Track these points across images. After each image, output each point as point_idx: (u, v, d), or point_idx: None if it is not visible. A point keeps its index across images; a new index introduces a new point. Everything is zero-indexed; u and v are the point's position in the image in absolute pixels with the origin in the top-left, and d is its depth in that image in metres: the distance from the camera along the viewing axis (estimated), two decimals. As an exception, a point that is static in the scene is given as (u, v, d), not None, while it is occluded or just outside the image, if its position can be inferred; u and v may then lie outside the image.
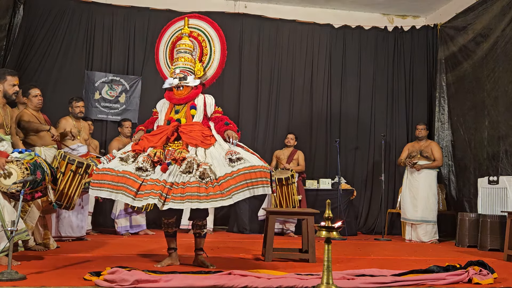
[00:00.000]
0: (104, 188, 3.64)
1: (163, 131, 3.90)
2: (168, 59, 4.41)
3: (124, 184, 3.59)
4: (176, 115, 4.04)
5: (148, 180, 3.61)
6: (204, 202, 3.52)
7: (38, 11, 7.41)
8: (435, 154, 6.76)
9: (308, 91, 8.24)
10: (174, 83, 4.03)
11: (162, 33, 4.49)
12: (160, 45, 4.48)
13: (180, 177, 3.59)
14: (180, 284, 2.98)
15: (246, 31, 8.15)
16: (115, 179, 3.63)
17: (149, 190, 3.54)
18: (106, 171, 3.69)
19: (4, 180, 3.61)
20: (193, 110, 4.04)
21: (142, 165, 3.62)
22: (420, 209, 6.65)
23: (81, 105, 5.72)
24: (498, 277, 3.59)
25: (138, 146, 3.82)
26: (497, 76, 6.68)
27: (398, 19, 8.64)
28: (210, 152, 3.80)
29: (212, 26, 4.37)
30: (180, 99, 4.06)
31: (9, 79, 3.99)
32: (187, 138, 3.84)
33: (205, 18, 4.42)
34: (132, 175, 3.62)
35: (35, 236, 4.53)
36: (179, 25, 4.40)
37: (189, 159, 3.60)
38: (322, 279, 2.74)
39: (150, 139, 3.86)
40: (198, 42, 4.31)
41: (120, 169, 3.66)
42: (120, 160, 3.72)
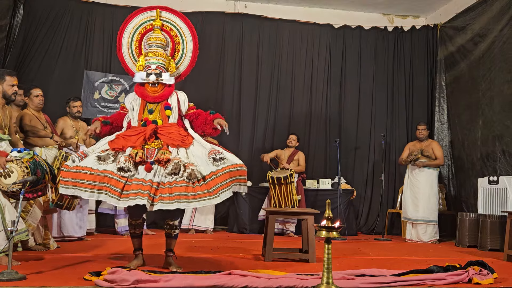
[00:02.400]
0: (83, 188, 3.46)
1: (140, 132, 3.75)
2: (134, 51, 4.15)
3: (107, 184, 3.46)
4: (150, 115, 3.88)
5: (132, 179, 3.49)
6: (193, 202, 3.47)
7: (38, 11, 7.41)
8: (436, 153, 6.77)
9: (308, 91, 8.24)
10: (151, 79, 3.86)
11: (126, 22, 4.17)
12: (124, 34, 4.15)
13: (166, 178, 3.51)
14: (180, 284, 2.98)
15: (246, 31, 8.15)
16: (96, 178, 3.47)
17: (135, 190, 3.43)
18: (82, 169, 3.50)
19: (5, 179, 3.61)
20: (168, 110, 3.91)
21: (125, 165, 3.49)
22: (421, 209, 6.66)
23: (79, 104, 5.71)
24: (498, 277, 3.59)
25: (116, 145, 3.66)
26: (493, 76, 6.69)
27: (398, 19, 8.64)
28: (191, 151, 3.72)
29: (185, 21, 4.20)
30: (155, 97, 3.90)
31: (8, 80, 3.99)
32: (167, 139, 3.73)
33: (178, 12, 4.22)
34: (115, 174, 3.48)
35: (35, 236, 4.53)
36: (147, 15, 4.15)
37: (175, 161, 3.51)
38: (322, 279, 2.75)
39: (128, 138, 3.71)
40: (170, 37, 4.12)
41: (100, 168, 3.50)
42: (98, 159, 3.55)
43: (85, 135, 5.85)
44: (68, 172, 3.52)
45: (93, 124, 3.87)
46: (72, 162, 3.56)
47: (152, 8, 4.16)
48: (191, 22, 4.36)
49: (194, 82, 7.91)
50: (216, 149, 3.68)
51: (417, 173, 6.78)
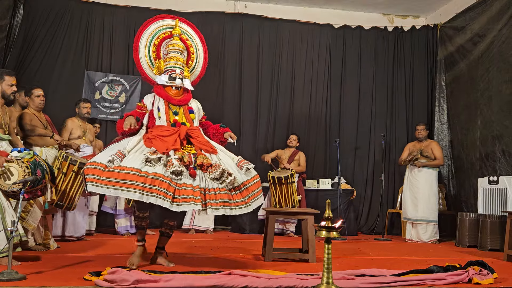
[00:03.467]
0: (131, 189, 3.38)
1: (173, 133, 3.80)
2: (151, 54, 4.25)
3: (158, 187, 3.40)
4: (176, 116, 3.99)
5: (182, 184, 3.50)
6: (234, 209, 3.64)
7: (38, 11, 7.41)
8: (435, 153, 6.77)
9: (308, 91, 8.24)
10: (177, 83, 4.00)
11: (146, 25, 4.29)
12: (142, 38, 4.26)
13: (210, 183, 3.60)
14: (180, 284, 2.98)
15: (246, 31, 8.15)
16: (147, 180, 3.40)
17: (187, 195, 3.47)
18: (129, 170, 3.43)
19: (5, 180, 3.61)
20: (192, 114, 4.05)
21: (180, 168, 3.48)
22: (420, 209, 6.66)
23: (88, 106, 5.83)
24: (498, 277, 3.59)
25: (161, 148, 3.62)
26: (491, 76, 6.69)
27: (398, 19, 8.64)
28: (221, 159, 3.81)
29: (198, 35, 4.44)
30: (179, 100, 4.03)
31: (7, 79, 4.01)
32: (199, 144, 3.82)
33: (194, 26, 4.46)
34: (166, 178, 3.45)
35: (35, 236, 4.53)
36: (165, 23, 4.31)
37: (221, 167, 3.63)
38: (322, 279, 2.75)
39: (165, 140, 3.72)
40: (187, 46, 4.30)
41: (149, 171, 3.45)
42: (146, 161, 3.50)
43: (92, 136, 5.87)
44: (109, 172, 3.43)
45: (128, 120, 3.80)
46: (110, 163, 3.48)
47: (171, 17, 4.38)
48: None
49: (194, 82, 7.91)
50: (243, 159, 3.88)
51: (416, 173, 6.79)
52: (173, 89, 4.03)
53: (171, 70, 4.05)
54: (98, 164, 3.51)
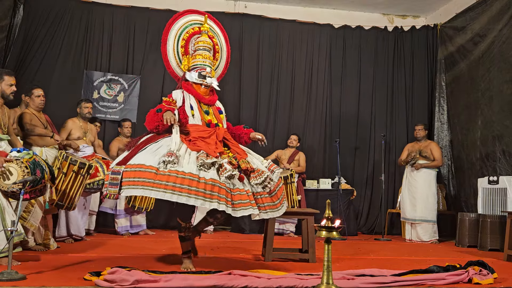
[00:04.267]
0: (192, 195, 3.26)
1: (212, 134, 3.72)
2: (179, 49, 4.16)
3: (218, 193, 3.32)
4: (207, 116, 3.91)
5: (235, 189, 3.44)
6: (276, 211, 3.65)
7: (38, 11, 7.41)
8: (434, 154, 6.78)
9: (308, 91, 8.24)
10: (208, 82, 3.92)
11: (175, 19, 4.20)
12: (171, 31, 4.16)
13: (253, 187, 3.57)
14: (180, 284, 2.98)
15: (246, 31, 8.15)
16: (207, 187, 3.30)
17: (244, 200, 3.42)
18: (186, 175, 3.30)
19: (5, 180, 3.61)
20: (222, 115, 4.03)
21: (234, 173, 3.43)
22: (419, 209, 6.67)
23: (90, 106, 5.83)
24: (498, 277, 3.59)
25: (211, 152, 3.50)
26: (492, 76, 6.69)
27: (398, 19, 8.64)
28: (253, 162, 3.74)
29: (224, 35, 4.39)
30: (209, 100, 3.97)
31: (7, 79, 4.01)
32: (234, 146, 3.78)
33: (220, 24, 4.41)
34: (223, 184, 3.36)
35: (35, 236, 4.53)
36: (195, 18, 4.24)
37: (266, 173, 3.60)
38: (322, 279, 2.75)
39: (207, 142, 3.63)
40: (213, 44, 4.20)
41: (207, 177, 3.34)
42: (202, 166, 3.38)
43: (93, 136, 5.85)
44: (166, 176, 3.29)
45: (167, 114, 3.63)
46: (164, 164, 3.33)
47: (200, 13, 4.30)
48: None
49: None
50: (272, 162, 3.85)
51: (415, 173, 6.80)
52: (202, 87, 3.94)
53: (201, 68, 3.97)
54: (147, 167, 3.34)
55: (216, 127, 3.85)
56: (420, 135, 6.97)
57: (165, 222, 7.44)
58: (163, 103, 3.85)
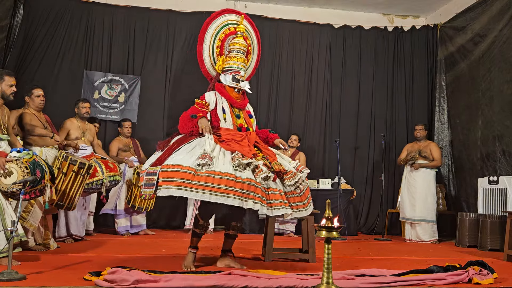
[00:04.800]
0: (230, 194, 3.32)
1: (243, 138, 3.76)
2: (215, 49, 4.16)
3: (254, 193, 3.37)
4: (238, 120, 3.94)
5: (269, 189, 3.51)
6: (305, 210, 3.73)
7: (38, 11, 7.41)
8: (433, 154, 6.78)
9: (308, 91, 8.24)
10: (241, 86, 3.95)
11: (212, 19, 4.18)
12: (208, 31, 4.15)
13: (286, 188, 3.64)
14: (180, 284, 2.98)
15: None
16: (243, 186, 3.35)
17: (278, 200, 3.49)
18: (223, 175, 3.35)
19: (5, 180, 3.61)
20: (252, 119, 4.06)
21: (270, 175, 3.49)
22: (418, 209, 6.67)
23: (87, 106, 5.81)
24: (498, 277, 3.59)
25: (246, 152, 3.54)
26: (492, 76, 6.69)
27: (398, 19, 8.64)
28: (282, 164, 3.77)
29: (257, 37, 4.36)
30: (241, 104, 4.01)
31: (7, 80, 4.01)
32: (265, 149, 3.83)
33: (254, 25, 4.38)
34: (258, 184, 3.42)
35: (35, 236, 4.53)
36: (231, 18, 4.22)
37: (299, 175, 3.69)
38: (322, 279, 2.75)
39: (241, 144, 3.66)
40: (247, 45, 4.21)
41: (243, 176, 3.39)
42: (238, 166, 3.42)
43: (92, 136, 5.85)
44: (204, 176, 3.33)
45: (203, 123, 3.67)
46: (199, 166, 3.35)
47: (237, 13, 4.28)
48: (192, 22, 4.42)
49: (194, 82, 7.90)
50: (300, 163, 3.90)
51: (414, 173, 6.80)
52: (235, 91, 3.97)
53: (235, 71, 3.99)
54: (185, 167, 3.37)
55: (247, 132, 3.88)
56: (420, 135, 6.98)
57: (165, 222, 7.44)
58: (195, 105, 3.88)
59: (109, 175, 5.28)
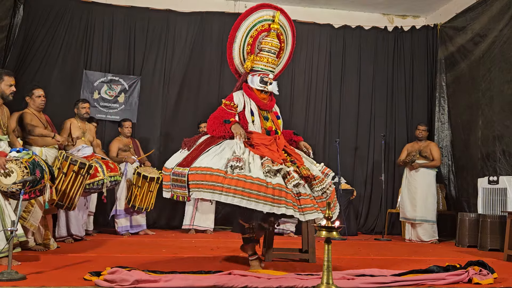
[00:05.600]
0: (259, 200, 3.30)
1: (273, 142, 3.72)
2: (246, 47, 4.03)
3: (285, 199, 3.35)
4: (267, 122, 3.90)
5: (299, 194, 3.48)
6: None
7: (38, 11, 7.40)
8: (433, 154, 6.78)
9: (308, 91, 8.24)
10: (269, 89, 3.89)
11: (247, 14, 4.00)
12: (241, 27, 3.99)
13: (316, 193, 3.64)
14: (180, 284, 2.98)
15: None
16: (275, 192, 3.33)
17: (309, 204, 3.49)
18: (254, 180, 3.33)
19: (5, 180, 3.61)
20: (279, 120, 4.02)
21: (301, 182, 3.47)
22: (419, 209, 6.66)
23: (87, 106, 5.82)
24: (498, 277, 3.59)
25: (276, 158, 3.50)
26: (493, 76, 6.69)
27: (398, 19, 8.64)
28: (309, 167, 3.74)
29: (292, 30, 4.21)
30: (268, 105, 3.96)
31: (6, 79, 4.02)
32: (293, 153, 3.80)
33: (291, 20, 4.19)
34: (289, 189, 3.40)
35: (35, 236, 4.53)
36: (266, 13, 4.01)
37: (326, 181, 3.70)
38: (322, 279, 2.75)
39: (270, 149, 3.62)
40: (280, 42, 4.09)
41: (273, 182, 3.37)
42: (268, 172, 3.39)
43: (92, 136, 5.85)
44: (235, 180, 3.31)
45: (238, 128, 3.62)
46: (231, 169, 3.34)
47: (274, 7, 4.05)
48: (191, 22, 4.34)
49: (194, 82, 7.90)
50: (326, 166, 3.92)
51: (414, 173, 6.79)
52: (261, 92, 3.90)
53: (264, 73, 3.91)
54: (215, 170, 3.36)
55: (276, 135, 3.83)
56: (423, 135, 6.96)
57: (165, 222, 7.44)
58: (223, 106, 3.85)
59: (110, 175, 5.29)
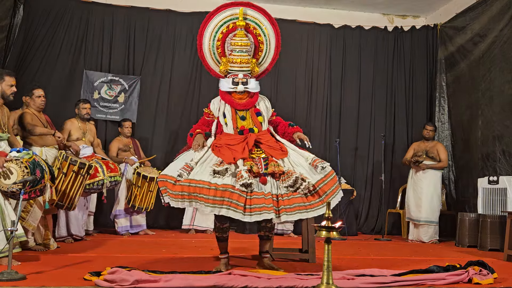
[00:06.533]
0: (201, 202, 3.39)
1: (241, 142, 3.72)
2: (216, 51, 4.03)
3: (228, 199, 3.37)
4: (244, 122, 3.86)
5: (252, 193, 3.43)
6: (310, 211, 3.56)
7: (38, 11, 7.40)
8: (440, 155, 6.75)
9: (308, 91, 8.23)
10: (239, 89, 3.83)
11: (208, 20, 4.03)
12: (205, 34, 4.01)
13: (283, 189, 3.54)
14: (180, 284, 2.98)
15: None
16: (217, 193, 3.37)
17: (259, 204, 3.41)
18: (198, 183, 3.42)
19: (5, 180, 3.61)
20: (260, 117, 3.92)
21: (250, 181, 3.40)
22: (424, 210, 6.63)
23: (88, 107, 5.83)
24: (498, 277, 3.59)
25: (228, 158, 3.55)
26: (492, 76, 6.68)
27: (398, 19, 8.64)
28: (293, 161, 3.72)
29: (268, 19, 4.11)
30: (244, 105, 3.89)
31: (7, 80, 4.02)
32: (269, 150, 3.74)
33: (261, 9, 4.08)
34: (236, 189, 3.40)
35: (35, 236, 4.53)
36: (229, 13, 3.99)
37: (295, 175, 3.53)
38: (322, 279, 2.75)
39: (233, 148, 3.65)
40: (254, 36, 4.03)
41: (219, 183, 3.41)
42: (214, 172, 3.45)
43: (92, 137, 5.85)
44: (179, 186, 3.45)
45: (197, 140, 3.73)
46: (179, 177, 3.46)
47: (236, 4, 4.01)
48: (192, 22, 4.34)
49: (194, 82, 7.90)
50: (317, 158, 3.76)
51: (421, 173, 6.75)
52: (237, 93, 3.87)
53: (233, 74, 3.88)
54: (169, 177, 3.55)
55: (248, 134, 3.79)
56: (430, 135, 6.91)
57: (165, 222, 7.44)
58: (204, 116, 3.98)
59: (110, 176, 5.29)
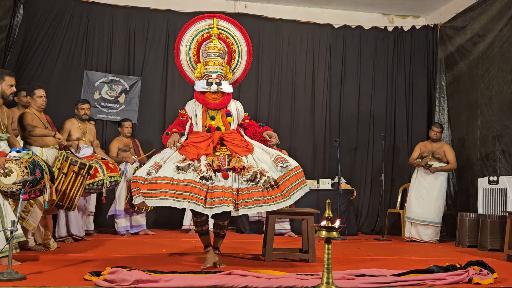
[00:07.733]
0: (166, 197, 3.62)
1: (207, 139, 3.96)
2: (192, 58, 4.38)
3: (190, 193, 3.61)
4: (213, 121, 4.11)
5: (214, 187, 3.65)
6: (270, 205, 3.75)
7: (38, 11, 7.40)
8: (448, 157, 6.70)
9: (308, 91, 8.23)
10: (212, 89, 4.07)
11: (184, 30, 4.37)
12: (182, 43, 4.37)
13: (244, 184, 3.73)
14: (180, 284, 2.98)
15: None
16: (178, 188, 3.63)
17: (219, 198, 3.62)
18: (163, 179, 3.68)
19: (4, 180, 3.61)
20: (229, 117, 4.16)
21: (207, 174, 3.64)
22: (427, 210, 6.59)
23: (87, 107, 5.82)
24: (498, 277, 3.59)
25: (191, 155, 3.80)
26: (492, 76, 6.68)
27: (398, 19, 8.64)
28: (257, 157, 3.93)
29: (240, 30, 4.44)
30: (216, 104, 4.13)
31: (7, 80, 4.02)
32: (233, 147, 3.95)
33: (233, 21, 4.45)
34: (197, 183, 3.64)
35: (35, 236, 4.54)
36: (204, 23, 4.37)
37: (253, 169, 3.74)
38: (322, 279, 2.75)
39: (198, 146, 3.89)
40: (227, 45, 4.36)
41: (181, 178, 3.66)
42: (177, 169, 3.71)
43: (92, 137, 5.85)
44: (148, 184, 3.69)
45: (171, 138, 3.98)
46: (148, 175, 3.74)
47: (209, 16, 4.40)
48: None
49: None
50: (281, 155, 3.96)
51: (426, 174, 6.72)
52: (211, 93, 4.11)
53: (207, 76, 4.15)
54: (139, 178, 3.79)
55: (215, 132, 4.03)
56: (437, 136, 6.83)
57: (165, 222, 7.43)
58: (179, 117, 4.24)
59: (110, 176, 5.29)
